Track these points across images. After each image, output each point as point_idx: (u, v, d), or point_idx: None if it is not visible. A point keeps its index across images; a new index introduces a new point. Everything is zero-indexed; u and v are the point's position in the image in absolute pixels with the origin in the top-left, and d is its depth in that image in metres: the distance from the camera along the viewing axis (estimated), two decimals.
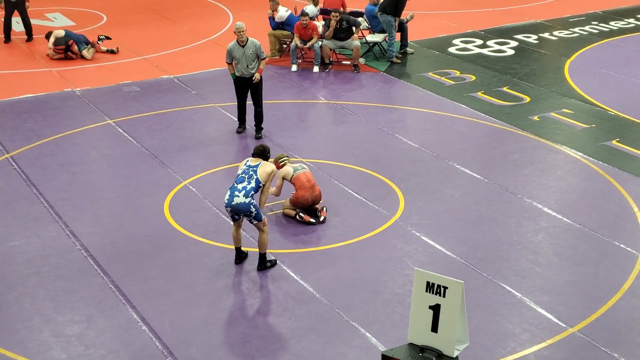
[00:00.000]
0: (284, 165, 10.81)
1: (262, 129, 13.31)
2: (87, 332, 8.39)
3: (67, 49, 17.08)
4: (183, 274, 9.45)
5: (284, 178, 10.66)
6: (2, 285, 9.21)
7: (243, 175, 9.27)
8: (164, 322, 8.55)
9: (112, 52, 17.67)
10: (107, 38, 18.09)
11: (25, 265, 9.61)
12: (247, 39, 12.81)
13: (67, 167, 12.23)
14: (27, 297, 8.99)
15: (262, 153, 9.55)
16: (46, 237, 10.22)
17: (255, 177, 9.24)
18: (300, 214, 10.60)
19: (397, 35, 17.52)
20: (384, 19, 17.04)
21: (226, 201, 9.20)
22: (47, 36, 17.34)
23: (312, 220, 10.55)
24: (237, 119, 13.53)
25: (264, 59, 13.06)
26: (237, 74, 13.04)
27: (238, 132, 13.37)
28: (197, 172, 12.02)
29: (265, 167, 9.35)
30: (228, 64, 13.11)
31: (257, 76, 13.05)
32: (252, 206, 9.12)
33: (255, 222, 9.26)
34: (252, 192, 9.14)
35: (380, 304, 8.93)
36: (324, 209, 10.76)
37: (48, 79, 16.19)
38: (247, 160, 9.49)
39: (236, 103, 13.43)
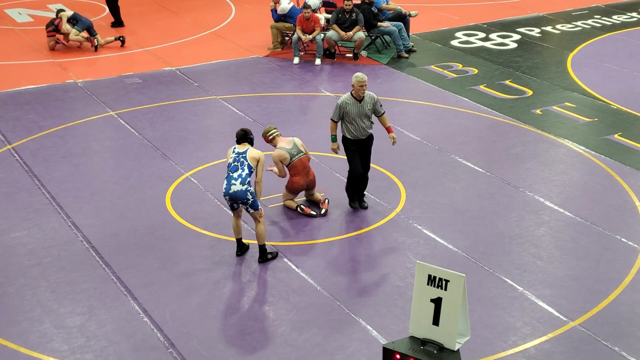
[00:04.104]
0: (273, 139, 10.61)
1: (364, 195, 10.89)
2: (89, 324, 8.40)
3: (55, 29, 17.03)
4: (184, 265, 9.46)
5: (282, 162, 10.49)
6: (3, 276, 9.22)
7: (235, 163, 9.29)
8: (165, 314, 8.56)
9: (119, 39, 17.61)
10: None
11: (26, 256, 9.62)
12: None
13: (68, 158, 12.23)
14: (29, 288, 9.00)
15: (244, 136, 9.49)
16: (48, 229, 10.23)
17: (246, 162, 9.28)
18: (302, 205, 10.59)
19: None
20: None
21: (224, 190, 9.26)
22: (58, 12, 17.33)
23: (313, 212, 10.54)
24: (347, 192, 10.76)
25: (384, 113, 10.51)
26: (349, 136, 10.38)
27: (353, 208, 10.72)
28: (198, 164, 12.02)
29: (253, 153, 9.37)
30: (333, 122, 10.51)
31: (394, 136, 10.51)
32: (249, 193, 9.19)
33: (251, 210, 9.31)
34: (248, 179, 9.22)
35: (382, 297, 8.93)
36: (327, 201, 10.74)
37: (50, 70, 16.18)
38: (234, 148, 9.45)
39: (348, 171, 10.68)
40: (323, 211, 10.62)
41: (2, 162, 12.06)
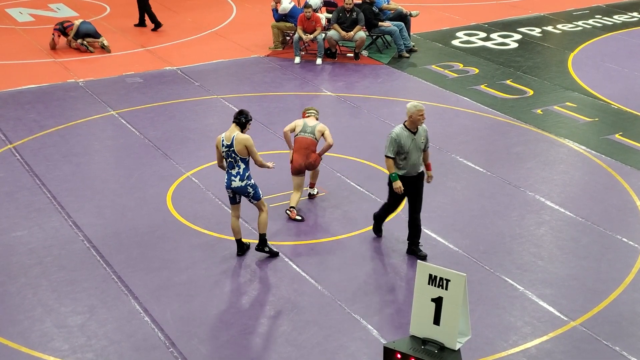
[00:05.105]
0: (307, 117, 10.95)
1: (419, 243, 9.73)
2: (89, 323, 8.41)
3: (61, 29, 17.12)
4: (185, 265, 9.46)
5: (293, 130, 10.77)
6: (4, 275, 9.22)
7: (230, 160, 9.25)
8: (166, 313, 8.56)
9: (103, 47, 17.36)
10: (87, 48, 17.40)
11: (27, 255, 9.63)
12: None
13: (70, 157, 12.23)
14: (30, 287, 9.00)
15: (236, 116, 9.35)
16: (49, 228, 10.23)
17: (238, 157, 9.20)
18: (287, 211, 10.52)
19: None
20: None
21: (225, 183, 9.35)
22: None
23: (298, 217, 10.49)
24: (373, 228, 10.13)
25: (428, 148, 9.61)
26: (399, 172, 9.40)
27: (377, 235, 10.13)
28: (200, 164, 12.02)
29: (238, 145, 9.15)
30: (390, 158, 9.34)
31: (431, 175, 9.70)
32: (249, 187, 9.27)
33: (254, 201, 9.39)
34: (247, 173, 9.23)
35: (382, 297, 8.93)
36: (316, 191, 11.07)
37: (51, 69, 16.18)
38: (223, 140, 9.28)
39: (381, 206, 9.98)
40: (315, 191, 11.05)
41: (3, 162, 12.07)
